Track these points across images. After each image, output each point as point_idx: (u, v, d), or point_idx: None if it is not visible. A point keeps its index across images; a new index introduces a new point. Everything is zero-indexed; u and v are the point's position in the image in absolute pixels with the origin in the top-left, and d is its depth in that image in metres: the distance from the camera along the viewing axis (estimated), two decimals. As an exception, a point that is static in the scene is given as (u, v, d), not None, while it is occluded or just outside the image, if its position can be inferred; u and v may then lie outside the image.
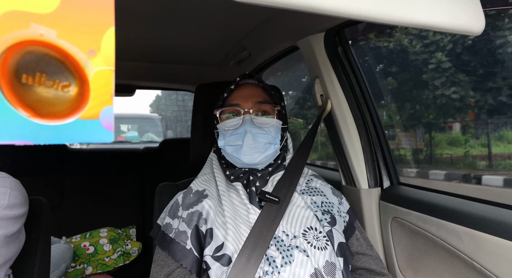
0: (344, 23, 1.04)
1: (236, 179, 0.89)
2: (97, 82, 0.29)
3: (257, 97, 0.89)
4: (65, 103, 0.29)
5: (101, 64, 0.29)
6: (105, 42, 0.28)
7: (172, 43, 1.48)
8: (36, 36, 0.27)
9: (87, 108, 0.29)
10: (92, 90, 0.29)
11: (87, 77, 0.29)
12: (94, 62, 0.28)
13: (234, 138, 0.86)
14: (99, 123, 0.30)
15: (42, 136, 0.29)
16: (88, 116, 0.29)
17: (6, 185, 0.78)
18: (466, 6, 0.54)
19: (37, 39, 0.27)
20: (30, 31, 0.27)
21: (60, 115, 0.29)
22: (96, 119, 0.30)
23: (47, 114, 0.29)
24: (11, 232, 0.76)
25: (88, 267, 1.65)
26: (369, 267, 0.90)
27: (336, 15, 0.47)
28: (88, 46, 0.28)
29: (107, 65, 0.29)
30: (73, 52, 0.28)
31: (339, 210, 0.92)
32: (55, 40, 0.27)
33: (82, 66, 0.28)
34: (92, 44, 0.28)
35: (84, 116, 0.29)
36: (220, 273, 0.74)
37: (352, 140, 1.16)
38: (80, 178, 1.97)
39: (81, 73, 0.29)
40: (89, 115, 0.29)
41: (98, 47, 0.28)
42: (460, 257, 0.87)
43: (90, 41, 0.28)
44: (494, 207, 0.86)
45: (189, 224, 0.82)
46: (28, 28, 0.27)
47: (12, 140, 0.28)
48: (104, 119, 0.30)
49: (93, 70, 0.29)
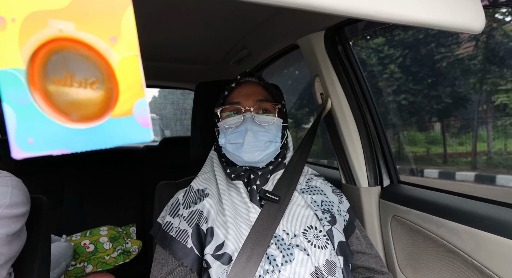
0: (344, 21, 1.04)
1: (237, 178, 0.89)
2: (124, 72, 0.27)
3: (258, 95, 0.89)
4: (97, 103, 0.27)
5: (125, 50, 0.27)
6: (124, 27, 0.27)
7: (172, 42, 1.48)
8: (56, 33, 0.26)
9: (118, 104, 0.27)
10: (120, 82, 0.27)
11: (112, 68, 0.27)
12: (117, 50, 0.27)
13: (235, 136, 0.86)
14: (134, 120, 0.27)
15: (79, 142, 0.27)
16: (121, 113, 0.27)
17: (7, 184, 0.78)
18: (466, 4, 0.54)
19: (57, 36, 0.26)
20: (49, 29, 0.26)
21: (94, 116, 0.27)
22: (130, 115, 0.27)
23: (79, 117, 0.27)
24: (13, 231, 0.76)
25: (88, 265, 1.65)
26: (369, 265, 0.91)
27: (336, 14, 0.47)
28: (108, 33, 0.26)
29: (130, 50, 0.27)
30: (94, 42, 0.26)
31: (339, 209, 0.92)
32: (74, 32, 0.26)
33: (106, 56, 0.27)
34: (112, 31, 0.26)
35: (116, 113, 0.27)
36: (220, 272, 0.74)
37: (352, 138, 1.16)
38: (80, 177, 1.97)
39: (106, 65, 0.27)
40: (122, 111, 0.27)
41: (118, 33, 0.27)
42: (459, 255, 0.87)
43: (109, 28, 0.26)
44: (493, 206, 0.86)
45: (190, 223, 0.82)
46: (47, 26, 0.26)
47: (50, 150, 0.26)
48: (138, 114, 0.27)
49: (117, 58, 0.27)
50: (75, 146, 0.27)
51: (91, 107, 0.27)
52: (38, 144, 0.26)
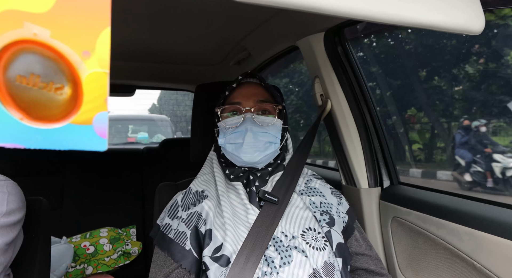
0: (344, 23, 1.04)
1: (236, 179, 0.88)
2: (91, 85, 0.28)
3: (258, 96, 0.90)
4: (58, 106, 0.28)
5: (95, 66, 0.27)
6: (100, 43, 0.27)
7: (172, 43, 1.48)
8: (30, 36, 0.26)
9: (79, 112, 0.28)
10: (85, 94, 0.28)
11: (80, 79, 0.27)
12: (88, 64, 0.27)
13: (234, 136, 0.86)
14: (92, 129, 0.28)
15: (34, 140, 0.28)
16: (80, 121, 0.28)
17: (3, 190, 0.76)
18: (466, 5, 0.54)
19: (30, 38, 0.26)
20: (23, 30, 0.26)
21: (53, 119, 0.28)
22: (89, 124, 0.28)
23: (39, 117, 0.28)
24: (11, 238, 0.75)
25: (89, 267, 1.65)
26: (368, 267, 0.90)
27: (336, 15, 0.47)
28: (82, 47, 0.27)
29: (101, 67, 0.28)
30: (66, 53, 0.27)
31: (338, 210, 0.92)
32: (48, 40, 0.27)
33: (76, 68, 0.27)
34: (86, 45, 0.27)
35: (76, 121, 0.28)
36: (218, 274, 0.74)
37: (352, 139, 1.16)
38: (80, 178, 1.97)
39: (74, 75, 0.27)
40: (81, 120, 0.28)
41: (92, 48, 0.27)
42: (460, 256, 0.87)
43: (84, 41, 0.27)
44: (494, 207, 0.86)
45: (189, 225, 0.82)
46: (22, 28, 0.26)
47: (3, 142, 0.27)
48: (97, 125, 0.28)
49: (87, 72, 0.27)
50: (30, 143, 0.28)
51: (52, 110, 0.28)
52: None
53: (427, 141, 6.36)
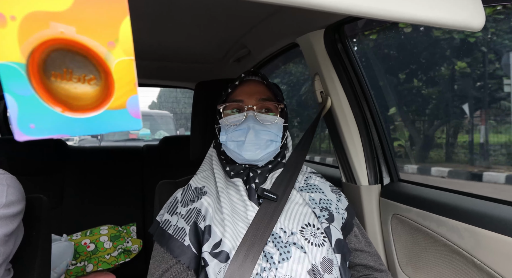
0: (344, 19, 1.03)
1: (236, 175, 0.89)
2: (120, 73, 0.30)
3: (261, 94, 0.90)
4: (93, 96, 0.30)
5: (121, 54, 0.30)
6: (122, 32, 0.29)
7: (172, 41, 1.48)
8: (57, 34, 0.28)
9: (113, 98, 0.30)
10: (116, 81, 0.30)
11: (109, 69, 0.29)
12: (115, 53, 0.29)
13: (236, 134, 0.86)
14: (127, 112, 0.31)
15: (76, 128, 0.30)
16: (115, 106, 0.31)
17: (2, 182, 0.78)
18: (466, 1, 0.54)
19: (58, 37, 0.28)
20: (51, 30, 0.28)
21: (90, 108, 0.30)
22: (124, 108, 0.31)
23: (78, 108, 0.30)
24: (10, 230, 0.76)
25: (89, 264, 1.66)
26: (367, 263, 0.91)
27: (336, 12, 0.46)
28: (107, 38, 0.29)
29: (127, 55, 0.30)
30: (93, 46, 0.29)
31: (337, 207, 0.92)
32: (75, 36, 0.28)
33: (104, 59, 0.29)
34: (110, 36, 0.29)
35: (112, 106, 0.30)
36: (218, 270, 0.74)
37: (352, 137, 1.16)
38: (80, 176, 1.97)
39: (103, 66, 0.29)
40: (116, 105, 0.31)
41: (116, 38, 0.29)
42: (460, 253, 0.87)
43: (108, 33, 0.29)
44: (494, 204, 0.86)
45: (188, 221, 0.83)
46: (49, 27, 0.28)
47: (50, 134, 0.29)
48: (131, 107, 0.31)
49: (115, 61, 0.29)
50: (73, 131, 0.30)
51: (88, 100, 0.30)
52: (39, 129, 0.29)
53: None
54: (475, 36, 5.19)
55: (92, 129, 0.31)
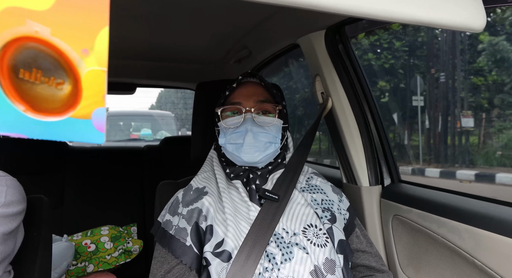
0: (345, 20, 1.03)
1: (236, 177, 0.89)
2: (89, 82, 0.29)
3: (259, 96, 0.90)
4: (59, 101, 0.29)
5: (94, 64, 0.29)
6: (98, 42, 0.28)
7: (173, 41, 1.48)
8: (32, 33, 0.27)
9: (79, 107, 0.29)
10: (84, 90, 0.29)
11: (79, 76, 0.29)
12: (87, 62, 0.28)
13: (235, 136, 0.86)
14: (91, 124, 0.30)
15: (36, 131, 0.29)
16: (80, 115, 0.30)
17: (2, 183, 0.78)
18: (467, 3, 0.54)
19: (32, 35, 0.27)
20: (26, 27, 0.27)
21: (54, 112, 0.29)
22: (88, 119, 0.30)
23: (41, 109, 0.29)
24: (10, 229, 0.76)
25: (90, 265, 1.65)
26: (369, 264, 0.91)
27: (337, 13, 0.47)
28: (82, 45, 0.28)
29: (99, 65, 0.29)
30: (66, 50, 0.28)
31: (339, 207, 0.92)
32: (49, 37, 0.28)
33: (75, 65, 0.28)
34: (85, 43, 0.28)
35: (76, 115, 0.30)
36: (220, 269, 0.74)
37: (353, 137, 1.16)
38: (81, 176, 1.97)
39: (74, 72, 0.29)
40: (81, 114, 0.30)
41: (91, 46, 0.28)
42: (461, 254, 0.87)
43: (83, 40, 0.28)
44: (495, 205, 0.86)
45: (189, 221, 0.83)
46: (24, 25, 0.27)
47: (8, 131, 0.29)
48: (96, 119, 0.30)
49: (86, 70, 0.29)
50: (32, 133, 0.29)
51: (53, 103, 0.29)
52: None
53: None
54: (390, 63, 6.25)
55: (52, 135, 0.30)
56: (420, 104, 6.42)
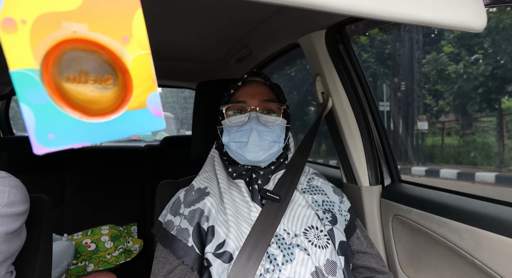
0: (345, 20, 1.03)
1: (239, 176, 0.89)
2: (137, 69, 0.29)
3: (263, 95, 0.90)
4: (111, 98, 0.29)
5: (137, 49, 0.28)
6: (135, 27, 0.28)
7: (173, 40, 1.48)
8: (70, 34, 0.27)
9: (133, 98, 0.29)
10: (134, 78, 0.29)
11: (126, 66, 0.28)
12: (130, 49, 0.28)
13: (239, 135, 0.86)
14: (148, 111, 0.29)
15: (97, 135, 0.28)
16: (135, 106, 0.29)
17: (5, 184, 0.78)
18: (467, 2, 0.54)
19: (71, 37, 0.27)
20: (63, 30, 0.27)
21: (109, 111, 0.29)
22: (144, 107, 0.29)
23: (96, 112, 0.28)
24: (12, 229, 0.77)
25: (90, 264, 1.66)
26: (370, 265, 0.91)
27: (337, 12, 0.47)
28: (121, 33, 0.28)
29: (142, 49, 0.28)
30: (107, 43, 0.28)
31: (340, 209, 0.92)
32: (88, 34, 0.27)
33: (119, 56, 0.28)
34: (124, 31, 0.28)
35: (131, 106, 0.29)
36: (221, 270, 0.74)
37: (353, 137, 1.16)
38: (82, 176, 1.97)
39: (119, 64, 0.28)
40: (136, 104, 0.29)
41: (130, 33, 0.28)
42: (461, 254, 0.87)
43: (121, 28, 0.28)
44: (495, 205, 0.86)
45: (191, 222, 0.83)
46: (61, 28, 0.26)
47: (70, 144, 0.28)
48: (151, 106, 0.29)
49: (130, 57, 0.28)
50: (94, 138, 0.29)
51: (106, 102, 0.29)
52: (58, 139, 0.27)
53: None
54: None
55: (113, 134, 0.29)
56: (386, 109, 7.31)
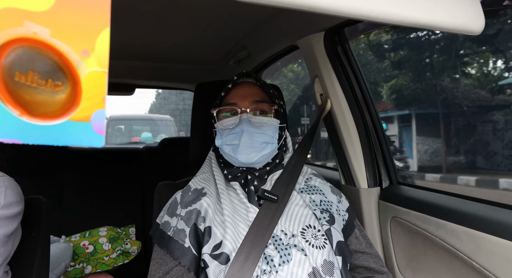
0: (344, 22, 1.04)
1: (234, 179, 0.89)
2: (89, 84, 0.28)
3: (254, 96, 0.89)
4: (56, 104, 0.28)
5: (94, 65, 0.28)
6: (99, 43, 0.28)
7: (172, 42, 1.48)
8: (30, 34, 0.27)
9: (78, 109, 0.29)
10: (84, 92, 0.28)
11: (79, 78, 0.28)
12: (87, 63, 0.28)
13: (231, 137, 0.86)
14: (90, 126, 0.29)
15: (32, 136, 0.28)
16: (79, 118, 0.29)
17: (0, 184, 0.78)
18: (465, 5, 0.54)
19: (30, 37, 0.27)
20: (23, 28, 0.26)
21: (51, 116, 0.29)
22: (87, 122, 0.29)
23: (38, 113, 0.28)
24: (10, 231, 0.76)
25: (88, 266, 1.65)
26: (368, 265, 0.91)
27: (336, 15, 0.47)
28: (82, 46, 0.27)
29: (100, 66, 0.28)
30: (66, 52, 0.27)
31: (338, 208, 0.92)
32: (48, 38, 0.27)
33: (75, 67, 0.28)
34: (86, 45, 0.28)
35: (74, 118, 0.29)
36: (218, 272, 0.74)
37: (352, 139, 1.16)
38: (80, 177, 1.97)
39: (73, 74, 0.28)
40: (80, 117, 0.29)
41: (92, 47, 0.28)
42: (459, 256, 0.87)
43: (84, 41, 0.27)
44: (493, 207, 0.86)
45: (188, 222, 0.82)
46: (22, 26, 0.26)
47: (2, 137, 0.28)
48: (95, 122, 0.29)
49: (86, 71, 0.28)
50: (28, 139, 0.28)
51: (51, 106, 0.28)
52: None
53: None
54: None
55: (49, 139, 0.29)
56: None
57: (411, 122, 6.96)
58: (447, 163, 2.80)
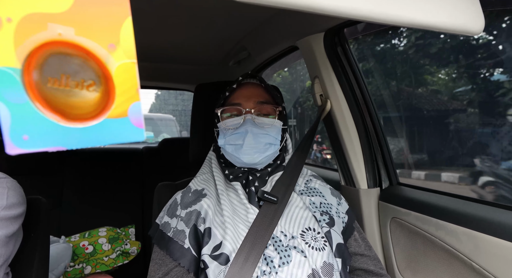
0: (344, 23, 1.04)
1: (235, 179, 0.89)
2: (121, 77, 0.28)
3: (259, 97, 0.90)
4: (92, 104, 0.28)
5: (123, 57, 0.28)
6: (123, 34, 0.28)
7: (172, 43, 1.48)
8: (55, 36, 0.26)
9: (114, 106, 0.28)
10: (117, 86, 0.28)
11: (110, 73, 0.28)
12: (115, 56, 0.28)
13: (234, 137, 0.86)
14: (129, 121, 0.29)
15: (73, 140, 0.28)
16: (116, 115, 0.28)
17: (3, 185, 0.78)
18: (465, 6, 0.54)
19: (56, 39, 0.26)
20: (48, 32, 0.26)
21: (88, 117, 0.28)
22: (125, 117, 0.29)
23: (75, 116, 0.28)
24: (11, 232, 0.77)
25: (87, 266, 1.65)
26: (367, 267, 0.90)
27: (336, 15, 0.47)
28: (107, 40, 0.27)
29: (128, 58, 0.28)
30: (93, 48, 0.27)
31: (337, 211, 0.92)
32: (73, 38, 0.27)
33: (104, 62, 0.28)
34: (111, 38, 0.27)
35: (112, 115, 0.28)
36: (218, 272, 0.74)
37: (352, 140, 1.16)
38: (79, 177, 1.97)
39: (103, 70, 0.28)
40: (117, 113, 0.28)
41: (117, 40, 0.27)
42: (459, 257, 0.87)
43: (108, 35, 0.27)
44: (493, 208, 0.86)
45: (188, 223, 0.82)
46: (46, 29, 0.26)
47: (45, 146, 0.27)
48: (133, 116, 0.29)
49: (115, 65, 0.28)
50: (70, 143, 0.28)
51: (87, 107, 0.28)
52: (33, 141, 0.27)
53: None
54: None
55: (90, 141, 0.28)
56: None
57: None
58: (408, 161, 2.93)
